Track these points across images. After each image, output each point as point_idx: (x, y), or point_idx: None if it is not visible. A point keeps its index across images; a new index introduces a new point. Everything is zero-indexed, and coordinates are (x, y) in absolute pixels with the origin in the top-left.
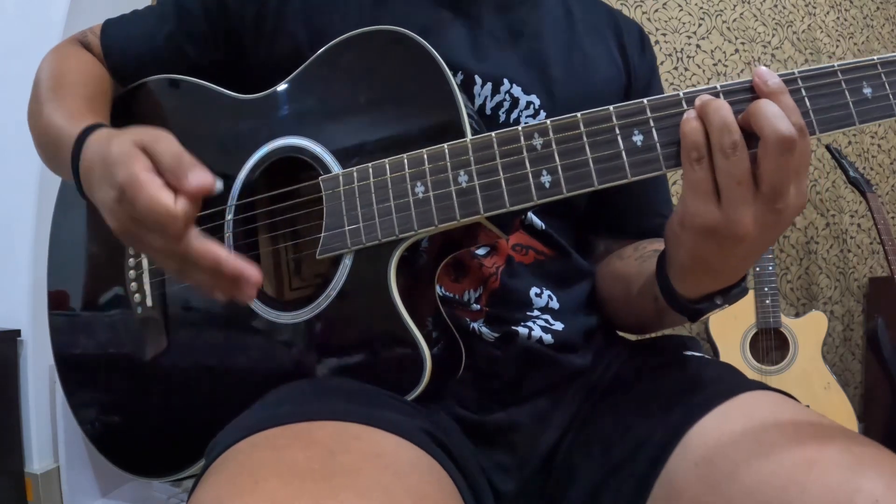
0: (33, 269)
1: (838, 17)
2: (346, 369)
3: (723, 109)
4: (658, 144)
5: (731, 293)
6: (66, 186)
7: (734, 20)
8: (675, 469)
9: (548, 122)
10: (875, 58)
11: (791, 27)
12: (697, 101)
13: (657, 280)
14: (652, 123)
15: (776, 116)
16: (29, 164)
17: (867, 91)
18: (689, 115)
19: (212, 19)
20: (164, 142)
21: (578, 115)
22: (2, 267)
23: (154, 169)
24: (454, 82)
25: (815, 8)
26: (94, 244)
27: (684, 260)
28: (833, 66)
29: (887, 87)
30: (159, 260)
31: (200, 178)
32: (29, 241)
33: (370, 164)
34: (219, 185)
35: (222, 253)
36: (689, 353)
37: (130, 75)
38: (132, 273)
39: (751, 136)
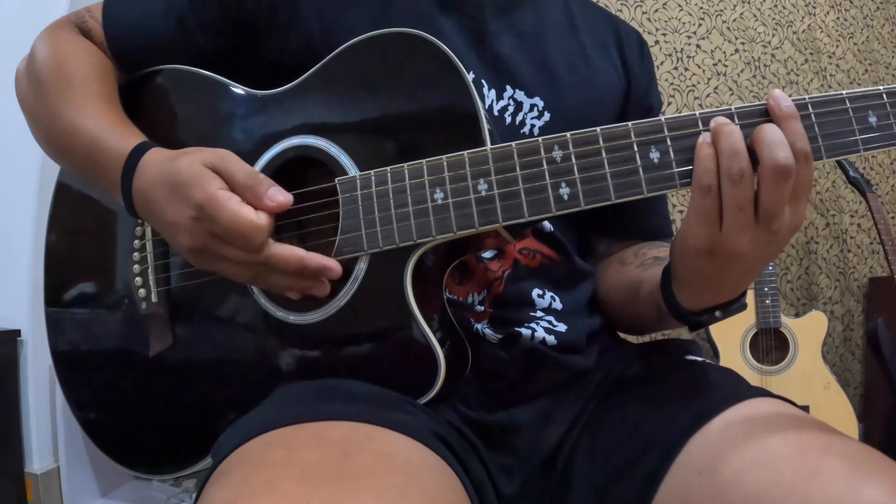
0: (33, 269)
1: (838, 17)
2: (358, 372)
3: (734, 136)
4: (674, 162)
5: (730, 308)
6: (62, 183)
7: (734, 20)
8: (678, 476)
9: (567, 135)
10: (881, 87)
11: (791, 27)
12: (712, 124)
13: (661, 291)
14: (669, 142)
15: (776, 144)
16: (29, 164)
17: (872, 119)
18: (705, 140)
19: (226, 8)
20: (232, 160)
21: (598, 129)
22: (2, 267)
23: (228, 187)
24: (473, 87)
25: (815, 8)
26: (96, 238)
27: (685, 276)
28: (841, 94)
29: (891, 116)
30: (233, 270)
31: (282, 197)
32: (29, 241)
33: (388, 169)
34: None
35: (303, 253)
36: (691, 357)
37: (136, 64)
38: (136, 268)
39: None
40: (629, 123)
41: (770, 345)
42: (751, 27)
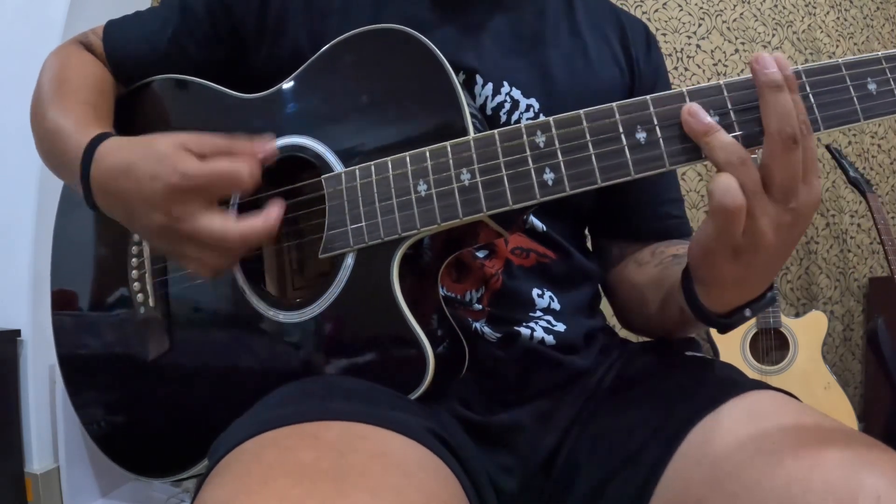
0: (33, 269)
1: (838, 17)
2: (349, 368)
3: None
4: (662, 141)
5: (758, 304)
6: (69, 187)
7: (734, 20)
8: (678, 469)
9: (550, 119)
10: (879, 53)
11: (791, 27)
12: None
13: (684, 296)
14: (655, 121)
15: (784, 113)
16: (29, 165)
17: (872, 87)
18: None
19: (215, 20)
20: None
21: (581, 112)
22: (2, 267)
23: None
24: (457, 80)
25: (815, 8)
26: (97, 245)
27: (708, 279)
28: (837, 62)
29: (892, 82)
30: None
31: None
32: (29, 241)
33: (372, 163)
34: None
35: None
36: (690, 353)
37: (133, 76)
38: (135, 273)
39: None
40: (613, 104)
41: (770, 345)
42: (751, 27)
